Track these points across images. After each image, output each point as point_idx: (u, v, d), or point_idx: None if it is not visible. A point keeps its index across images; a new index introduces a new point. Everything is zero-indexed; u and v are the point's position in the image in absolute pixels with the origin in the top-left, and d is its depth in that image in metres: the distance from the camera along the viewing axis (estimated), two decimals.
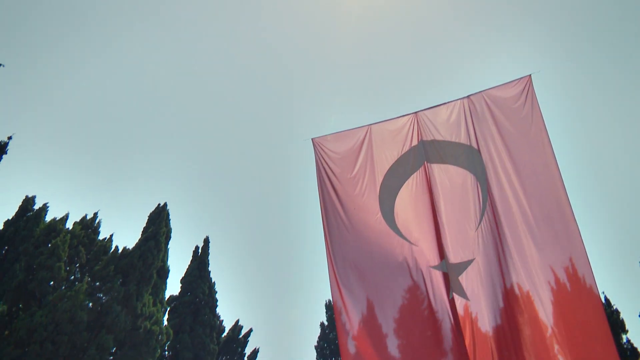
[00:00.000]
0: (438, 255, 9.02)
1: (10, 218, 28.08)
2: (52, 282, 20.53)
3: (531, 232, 7.86)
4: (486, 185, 8.37)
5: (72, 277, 21.66)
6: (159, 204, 26.98)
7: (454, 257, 8.36)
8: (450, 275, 8.48)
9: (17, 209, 28.67)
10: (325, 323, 35.20)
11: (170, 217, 27.37)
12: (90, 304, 20.95)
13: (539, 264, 7.76)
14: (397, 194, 8.85)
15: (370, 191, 9.18)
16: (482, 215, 8.30)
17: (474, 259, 8.71)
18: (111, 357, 19.63)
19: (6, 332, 19.37)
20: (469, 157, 8.94)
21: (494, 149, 8.68)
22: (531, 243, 7.82)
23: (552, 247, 7.80)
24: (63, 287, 20.57)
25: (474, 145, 8.85)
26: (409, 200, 9.08)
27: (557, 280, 7.55)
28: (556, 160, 7.85)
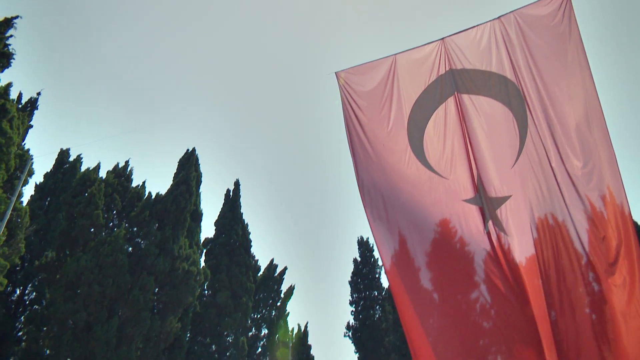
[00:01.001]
0: (471, 189, 8.73)
1: (48, 171, 29.09)
2: (92, 229, 21.37)
3: (568, 163, 7.48)
4: (522, 118, 7.93)
5: (111, 223, 22.48)
6: (188, 150, 27.31)
7: (488, 190, 8.07)
8: (484, 208, 8.23)
9: (54, 161, 29.64)
10: (358, 259, 35.94)
11: (200, 162, 27.78)
12: (130, 248, 21.86)
13: (576, 194, 7.43)
14: (426, 126, 8.51)
15: (398, 124, 8.83)
16: (519, 149, 7.92)
17: (510, 195, 8.38)
18: (154, 297, 20.64)
19: (57, 276, 20.50)
20: (502, 88, 8.42)
21: (527, 78, 8.12)
22: (568, 174, 7.46)
23: (589, 177, 7.43)
24: (103, 233, 21.41)
25: (507, 74, 8.31)
26: (438, 133, 8.71)
27: (593, 209, 7.26)
28: (594, 86, 7.35)
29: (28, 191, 52.17)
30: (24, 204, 22.57)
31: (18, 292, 25.15)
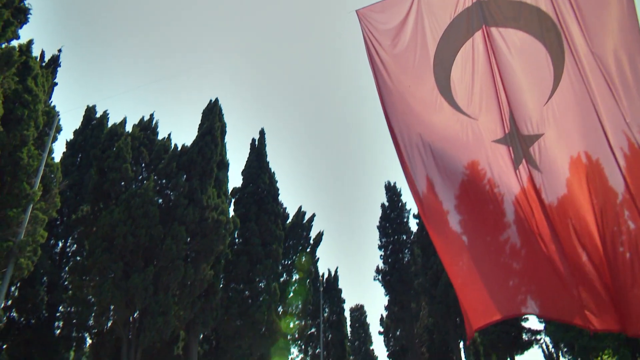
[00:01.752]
0: (502, 129, 8.33)
1: (77, 127, 29.60)
2: (122, 182, 21.86)
3: (606, 98, 6.98)
4: (557, 51, 7.36)
5: (140, 176, 22.91)
6: (211, 100, 27.18)
7: (520, 128, 7.68)
8: (516, 147, 7.87)
9: (81, 118, 30.08)
10: (386, 204, 36.03)
11: (224, 112, 27.72)
12: (160, 200, 22.37)
13: (612, 131, 6.98)
14: (453, 64, 8.05)
15: (423, 64, 8.37)
16: (553, 85, 7.43)
17: (542, 133, 7.97)
18: (186, 246, 21.26)
19: (94, 229, 21.27)
20: (534, 20, 7.78)
21: (564, 9, 7.44)
22: (605, 110, 6.98)
23: (628, 112, 6.93)
24: (133, 186, 21.89)
25: (541, 5, 7.65)
26: (466, 71, 8.22)
27: (630, 145, 6.83)
28: (637, 17, 6.71)
29: (59, 148, 53.49)
30: (56, 160, 23.14)
31: (60, 244, 26.37)
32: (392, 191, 36.29)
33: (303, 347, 34.99)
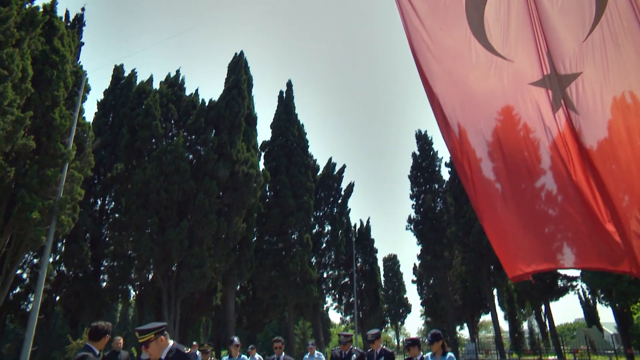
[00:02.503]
0: (539, 70, 7.75)
1: (107, 87, 29.87)
2: (153, 139, 22.12)
3: None
4: None
5: (170, 133, 23.10)
6: (236, 53, 26.78)
7: (557, 68, 7.09)
8: (552, 89, 7.32)
9: (110, 77, 30.27)
10: (417, 153, 35.43)
11: (250, 65, 27.36)
12: (190, 155, 22.60)
13: None
14: (486, 2, 7.47)
15: (454, 4, 7.80)
16: (594, 20, 6.79)
17: (581, 72, 7.36)
18: (218, 200, 21.59)
19: (129, 186, 21.81)
20: None
21: None
22: None
23: None
24: (163, 143, 22.13)
25: None
26: (500, 9, 7.61)
27: None
28: None
29: (90, 108, 54.63)
30: (88, 120, 23.52)
31: (99, 202, 27.27)
32: (423, 140, 35.60)
33: (337, 296, 35.80)
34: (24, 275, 23.90)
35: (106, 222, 26.26)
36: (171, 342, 3.48)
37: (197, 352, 8.36)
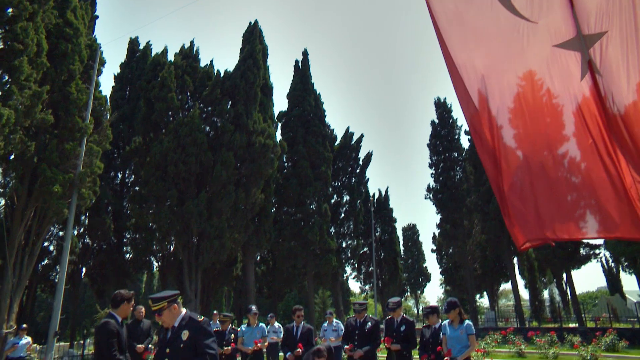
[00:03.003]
0: (564, 31, 7.35)
1: (123, 60, 29.82)
2: (169, 112, 22.11)
3: None
4: None
5: (186, 105, 23.05)
6: (250, 23, 26.32)
7: (582, 28, 6.70)
8: (579, 51, 6.93)
9: (126, 51, 30.18)
10: (436, 121, 34.82)
11: (265, 35, 26.90)
12: (207, 127, 22.58)
13: None
14: None
15: None
16: None
17: (606, 31, 6.96)
18: (236, 171, 21.62)
19: (147, 159, 21.96)
20: None
21: None
22: None
23: None
24: (180, 115, 22.10)
25: None
26: None
27: None
28: None
29: (107, 82, 54.88)
30: (104, 93, 23.57)
31: (120, 175, 27.63)
32: (442, 108, 34.86)
33: (356, 265, 36.04)
34: (51, 248, 24.56)
35: (127, 195, 26.64)
36: (184, 310, 3.47)
37: (218, 321, 8.47)
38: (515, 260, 31.49)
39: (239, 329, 8.07)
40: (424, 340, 6.02)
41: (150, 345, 8.29)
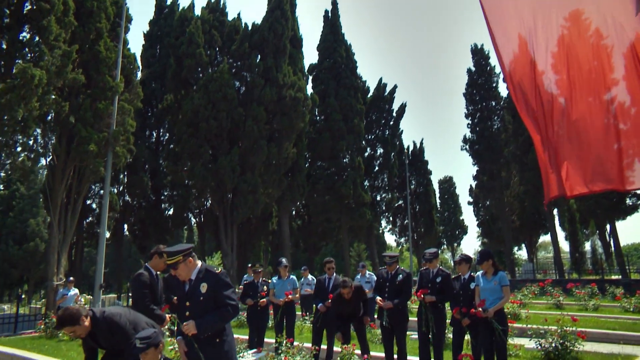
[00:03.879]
0: None
1: (152, 18, 29.56)
2: (199, 68, 21.95)
3: None
4: None
5: (215, 60, 22.80)
6: None
7: None
8: None
9: (153, 8, 29.86)
10: (473, 69, 33.36)
11: None
12: (237, 82, 22.36)
13: None
14: None
15: None
16: None
17: None
18: (267, 126, 21.48)
19: (179, 117, 22.08)
20: None
21: None
22: None
23: None
24: (209, 70, 21.92)
25: None
26: None
27: None
28: None
29: (138, 40, 54.87)
30: (134, 52, 23.58)
31: (155, 134, 28.02)
32: (479, 54, 33.24)
33: (391, 219, 35.96)
34: (94, 206, 25.53)
35: (162, 153, 27.08)
36: (199, 263, 3.41)
37: (251, 273, 8.57)
38: (555, 211, 30.62)
39: (269, 281, 8.13)
40: (453, 294, 5.86)
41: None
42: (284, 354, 5.48)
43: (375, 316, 7.21)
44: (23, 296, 42.03)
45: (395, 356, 5.91)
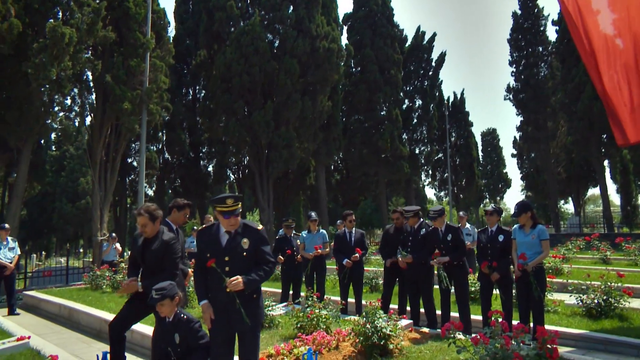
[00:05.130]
0: None
1: None
2: (230, 22, 21.51)
3: None
4: None
5: (247, 13, 22.23)
6: None
7: None
8: None
9: None
10: (518, 12, 31.26)
11: None
12: (269, 35, 21.81)
13: None
14: None
15: None
16: None
17: None
18: (300, 79, 21.01)
19: (214, 72, 21.88)
20: None
21: None
22: None
23: None
24: (241, 24, 21.44)
25: None
26: None
27: None
28: None
29: None
30: (167, 9, 23.26)
31: (191, 91, 28.09)
32: None
33: (431, 172, 35.25)
34: (135, 164, 26.18)
35: (199, 110, 27.21)
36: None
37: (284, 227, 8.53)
38: (606, 163, 29.05)
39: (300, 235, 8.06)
40: (480, 247, 5.54)
41: None
42: (310, 308, 5.39)
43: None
44: (81, 250, 44.66)
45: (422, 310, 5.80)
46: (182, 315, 3.59)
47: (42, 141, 24.71)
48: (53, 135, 41.99)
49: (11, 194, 16.58)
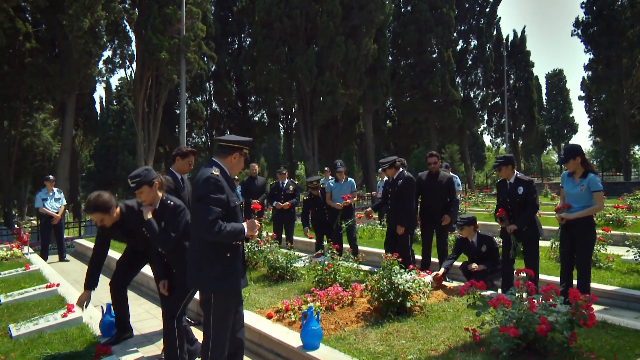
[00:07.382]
0: None
1: None
2: None
3: None
4: None
5: None
6: None
7: None
8: None
9: None
10: None
11: None
12: None
13: None
14: None
15: None
16: None
17: None
18: (343, 22, 19.91)
19: (255, 18, 21.18)
20: None
21: None
22: None
23: None
24: None
25: None
26: None
27: None
28: None
29: None
30: None
31: (237, 40, 27.59)
32: None
33: (487, 117, 33.28)
34: None
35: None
36: None
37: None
38: None
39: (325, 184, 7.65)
40: (500, 201, 4.73)
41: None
42: (328, 260, 5.04)
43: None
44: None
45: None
46: (168, 201, 3.29)
47: (95, 95, 25.32)
48: (114, 89, 43.36)
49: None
